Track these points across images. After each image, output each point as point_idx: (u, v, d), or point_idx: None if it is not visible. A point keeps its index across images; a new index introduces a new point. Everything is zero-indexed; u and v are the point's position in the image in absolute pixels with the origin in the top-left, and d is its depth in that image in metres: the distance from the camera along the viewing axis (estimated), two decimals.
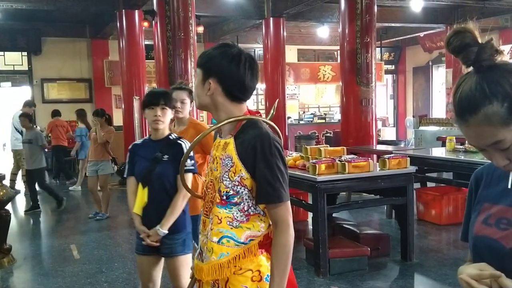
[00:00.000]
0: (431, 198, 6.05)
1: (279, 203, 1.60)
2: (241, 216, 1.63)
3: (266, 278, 1.64)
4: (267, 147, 1.58)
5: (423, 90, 15.50)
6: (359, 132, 7.90)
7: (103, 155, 6.79)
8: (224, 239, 1.63)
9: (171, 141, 2.74)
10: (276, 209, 1.60)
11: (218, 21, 12.60)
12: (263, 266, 1.65)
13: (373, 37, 7.83)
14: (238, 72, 1.64)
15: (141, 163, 2.74)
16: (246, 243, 1.63)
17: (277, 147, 1.60)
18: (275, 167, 1.59)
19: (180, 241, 2.72)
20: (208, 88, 1.66)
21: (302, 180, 4.38)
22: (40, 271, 4.81)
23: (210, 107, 1.71)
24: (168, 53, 6.93)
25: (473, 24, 1.10)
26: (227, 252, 1.62)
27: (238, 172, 1.62)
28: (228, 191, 1.63)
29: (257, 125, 1.65)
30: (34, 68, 12.07)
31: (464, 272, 1.08)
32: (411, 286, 4.24)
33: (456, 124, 1.12)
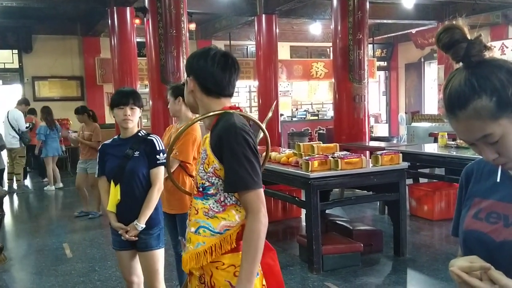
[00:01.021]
0: (423, 193, 6.08)
1: (247, 191, 1.62)
2: (217, 206, 1.69)
3: None
4: (232, 136, 1.63)
5: (415, 87, 15.56)
6: (352, 129, 7.92)
7: (91, 154, 6.61)
8: (201, 229, 1.69)
9: (140, 137, 2.80)
10: (245, 196, 1.63)
11: (210, 18, 12.56)
12: None
13: (366, 34, 7.85)
14: (206, 66, 1.74)
15: (111, 161, 2.78)
16: (221, 232, 1.67)
17: (244, 137, 1.64)
18: (241, 155, 1.62)
19: (155, 236, 2.80)
20: (189, 86, 1.79)
21: (295, 177, 4.39)
22: (33, 270, 4.79)
23: (194, 105, 1.82)
24: (160, 50, 6.90)
25: (462, 20, 1.12)
26: (203, 241, 1.68)
27: (211, 164, 1.68)
28: (204, 183, 1.71)
29: (228, 118, 1.71)
30: (25, 66, 11.97)
31: (455, 264, 1.09)
32: (403, 281, 4.27)
33: (446, 119, 1.14)
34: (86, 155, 6.73)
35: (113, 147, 2.84)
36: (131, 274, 2.89)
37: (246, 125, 1.71)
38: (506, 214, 1.14)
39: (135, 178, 2.73)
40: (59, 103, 11.82)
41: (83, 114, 6.87)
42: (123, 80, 9.04)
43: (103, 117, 12.31)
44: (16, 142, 8.81)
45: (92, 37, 12.14)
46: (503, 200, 1.16)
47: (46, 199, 8.71)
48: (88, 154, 6.71)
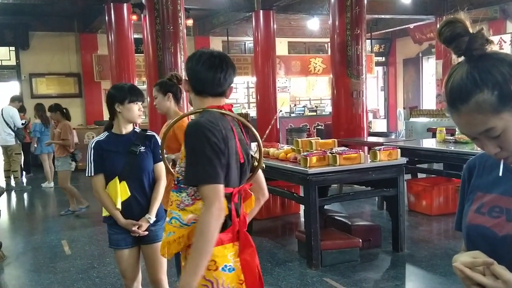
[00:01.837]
0: (421, 189, 6.09)
1: (202, 185, 1.67)
2: (188, 199, 1.78)
3: (222, 268, 1.74)
4: (193, 132, 1.70)
5: (413, 82, 15.56)
6: (350, 124, 7.92)
7: (61, 152, 6.60)
8: (173, 219, 1.79)
9: (140, 133, 2.80)
10: (202, 190, 1.69)
11: (208, 14, 12.52)
12: (219, 257, 1.74)
13: (363, 29, 7.83)
14: (193, 67, 1.83)
15: (114, 158, 2.70)
16: (188, 224, 1.76)
17: (204, 133, 1.68)
18: (198, 151, 1.68)
19: (162, 227, 2.77)
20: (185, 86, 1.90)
21: (294, 172, 4.38)
22: (31, 267, 4.78)
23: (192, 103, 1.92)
24: (158, 46, 6.88)
25: (464, 14, 1.12)
26: (173, 231, 1.79)
27: (183, 158, 1.78)
28: (178, 176, 1.82)
29: (201, 115, 1.79)
30: (22, 63, 11.92)
31: (458, 260, 1.09)
32: (402, 276, 4.27)
33: (448, 113, 1.13)
34: (57, 152, 6.69)
35: (111, 143, 2.75)
36: (133, 272, 2.86)
37: (213, 123, 1.72)
38: (509, 208, 1.14)
39: (144, 173, 2.74)
40: (57, 100, 11.67)
41: (56, 112, 6.81)
42: (121, 77, 9.00)
43: (100, 114, 12.29)
44: (12, 139, 8.82)
45: (89, 33, 12.10)
46: (506, 194, 1.16)
47: (44, 196, 8.70)
48: (58, 151, 6.66)
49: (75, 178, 9.86)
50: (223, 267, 1.74)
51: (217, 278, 1.73)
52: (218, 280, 1.72)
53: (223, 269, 1.74)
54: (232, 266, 1.75)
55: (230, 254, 1.77)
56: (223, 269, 1.74)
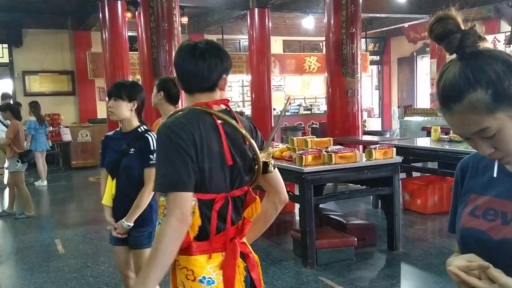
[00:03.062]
0: (416, 187, 6.10)
1: (166, 191, 1.58)
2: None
3: (200, 279, 1.63)
4: (158, 136, 1.62)
5: (408, 81, 15.59)
6: (345, 123, 7.92)
7: (9, 152, 6.48)
8: (159, 225, 1.73)
9: (139, 133, 2.74)
10: (166, 197, 1.58)
11: (203, 12, 12.47)
12: (197, 267, 1.63)
13: (359, 28, 7.83)
14: (176, 61, 1.72)
15: (110, 155, 2.76)
16: None
17: (169, 136, 1.56)
18: (162, 155, 1.60)
19: (145, 234, 2.76)
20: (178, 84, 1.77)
21: (289, 171, 4.37)
22: (24, 266, 4.74)
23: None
24: (152, 44, 6.83)
25: (455, 10, 1.08)
26: None
27: None
28: None
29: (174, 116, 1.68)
30: (15, 61, 11.81)
31: (453, 264, 1.07)
32: (397, 275, 4.27)
33: (440, 113, 1.10)
34: (6, 153, 6.57)
35: (114, 140, 2.79)
36: (127, 269, 2.89)
37: (182, 124, 1.58)
38: (504, 211, 1.10)
39: (129, 175, 2.69)
40: (50, 97, 11.72)
41: (6, 112, 6.72)
42: (115, 75, 8.94)
43: (94, 112, 12.23)
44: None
45: (83, 31, 12.01)
46: (501, 197, 1.12)
47: (37, 194, 8.63)
48: (7, 152, 6.54)
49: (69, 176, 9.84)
50: (200, 279, 1.62)
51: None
52: None
53: (200, 280, 1.62)
54: (212, 279, 1.62)
55: (210, 265, 1.64)
56: (200, 280, 1.62)
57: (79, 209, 7.47)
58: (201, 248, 1.63)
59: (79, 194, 8.80)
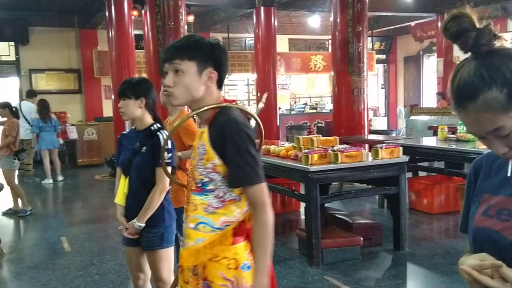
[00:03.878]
0: (423, 187, 6.07)
1: (251, 185, 1.62)
2: (216, 202, 1.67)
3: (242, 266, 1.67)
4: (235, 132, 1.61)
5: (414, 80, 15.53)
6: (351, 122, 7.90)
7: (5, 150, 6.44)
8: (200, 225, 1.68)
9: (151, 132, 2.69)
10: (251, 191, 1.63)
11: (209, 10, 12.48)
12: (239, 254, 1.68)
13: (365, 26, 7.80)
14: (223, 58, 1.72)
15: (124, 153, 2.73)
16: (221, 228, 1.67)
17: (246, 131, 1.63)
18: (244, 150, 1.61)
19: (158, 235, 2.70)
20: (208, 77, 1.69)
21: (295, 170, 4.36)
22: (30, 264, 4.75)
23: (198, 99, 1.70)
24: (158, 42, 6.85)
25: (470, 8, 1.07)
26: (203, 237, 1.67)
27: (210, 159, 1.66)
28: (203, 178, 1.68)
29: (228, 112, 1.68)
30: (22, 59, 11.86)
31: (465, 263, 1.06)
32: (403, 275, 4.25)
33: (455, 112, 1.09)
34: (1, 151, 6.51)
35: (128, 138, 2.76)
36: (137, 271, 2.84)
37: (245, 119, 1.70)
38: None
39: (140, 174, 2.65)
40: (56, 96, 11.75)
41: (4, 109, 6.70)
42: (121, 73, 8.96)
43: (100, 110, 12.27)
44: (29, 133, 8.94)
45: (89, 29, 12.04)
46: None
47: (44, 192, 8.67)
48: (2, 150, 6.49)
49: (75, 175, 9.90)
50: (242, 266, 1.68)
51: (237, 276, 1.67)
52: (238, 279, 1.67)
53: (242, 267, 1.68)
54: (249, 264, 1.69)
55: (247, 251, 1.70)
56: (242, 267, 1.68)
57: (84, 207, 7.49)
58: (240, 236, 1.69)
59: (85, 192, 8.83)
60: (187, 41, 1.69)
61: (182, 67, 1.66)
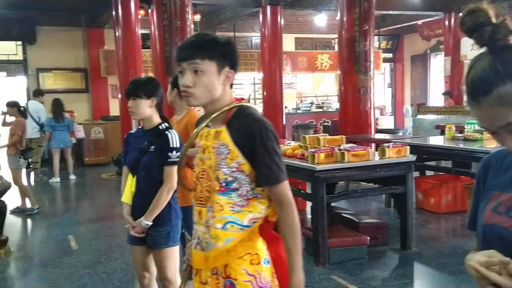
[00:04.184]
0: (430, 186, 6.04)
1: (278, 184, 1.66)
2: (240, 200, 1.67)
3: (263, 261, 1.68)
4: (264, 132, 1.63)
5: (421, 79, 15.46)
6: (357, 121, 7.88)
7: (12, 149, 6.49)
8: (228, 224, 1.66)
9: (159, 131, 2.70)
10: (278, 189, 1.66)
11: (215, 9, 12.49)
12: (260, 250, 1.68)
13: (372, 25, 7.77)
14: (238, 59, 1.72)
15: (131, 152, 2.74)
16: (249, 225, 1.67)
17: (272, 131, 1.67)
18: (271, 150, 1.64)
19: (164, 234, 2.71)
20: (226, 77, 1.68)
21: (301, 169, 4.35)
22: (38, 262, 4.78)
23: (215, 99, 1.68)
24: (165, 41, 6.87)
25: (487, 3, 1.08)
26: (233, 236, 1.65)
27: (235, 159, 1.65)
28: (227, 178, 1.66)
29: (250, 112, 1.69)
30: (29, 58, 11.92)
31: (473, 259, 1.06)
32: (410, 274, 4.24)
33: (468, 106, 1.10)
34: (8, 150, 6.57)
35: (135, 137, 2.78)
36: (143, 270, 2.84)
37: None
38: None
39: (148, 173, 2.66)
40: (63, 95, 11.75)
41: (13, 108, 6.75)
42: (128, 72, 8.98)
43: (107, 109, 12.31)
44: (37, 132, 9.08)
45: (96, 28, 12.08)
46: None
47: (51, 191, 8.72)
48: (9, 149, 6.54)
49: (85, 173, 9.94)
50: (263, 260, 1.68)
51: (259, 272, 1.66)
52: (260, 274, 1.66)
53: (263, 262, 1.68)
54: (268, 259, 1.70)
55: (265, 246, 1.71)
56: (263, 262, 1.68)
57: (91, 206, 7.52)
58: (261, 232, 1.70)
59: (92, 191, 8.87)
60: (205, 40, 1.66)
61: (202, 67, 1.62)
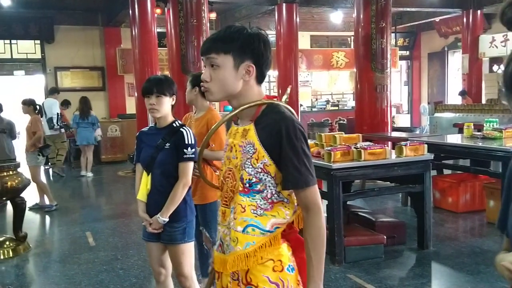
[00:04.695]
0: (447, 185, 5.97)
1: (307, 187, 1.55)
2: (264, 204, 1.58)
3: (287, 268, 1.59)
4: (292, 132, 1.52)
5: (438, 76, 15.27)
6: (374, 119, 7.82)
7: (29, 146, 6.56)
8: (249, 228, 1.57)
9: (174, 128, 2.73)
10: (305, 193, 1.55)
11: (231, 7, 12.49)
12: (284, 256, 1.59)
13: (389, 22, 7.71)
14: (266, 52, 1.60)
15: (145, 150, 2.77)
16: (272, 231, 1.57)
17: (301, 131, 1.55)
18: (300, 151, 1.53)
19: (180, 230, 2.73)
20: (246, 72, 1.58)
21: (317, 167, 4.30)
22: (56, 258, 4.85)
23: (235, 94, 1.61)
24: (181, 40, 6.89)
25: None
26: (253, 241, 1.56)
27: (261, 159, 1.56)
28: (251, 179, 1.57)
29: (279, 110, 1.59)
30: (47, 57, 12.08)
31: (506, 259, 1.04)
32: (428, 274, 4.19)
33: (505, 99, 1.08)
34: (26, 148, 6.64)
35: (149, 135, 2.81)
36: (159, 266, 2.86)
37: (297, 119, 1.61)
38: None
39: (164, 170, 2.69)
40: (81, 93, 11.89)
41: (29, 106, 6.82)
42: (144, 71, 9.04)
43: (123, 107, 12.41)
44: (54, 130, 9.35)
45: (113, 27, 12.19)
46: None
47: (68, 188, 8.84)
48: (27, 147, 6.61)
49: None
50: (287, 268, 1.59)
51: (283, 279, 1.57)
52: (284, 282, 1.58)
53: (287, 269, 1.59)
54: (292, 266, 1.60)
55: (290, 252, 1.62)
56: (287, 269, 1.59)
57: (108, 203, 7.60)
58: (284, 238, 1.62)
59: (109, 188, 8.96)
60: (224, 33, 1.58)
61: (217, 61, 1.56)
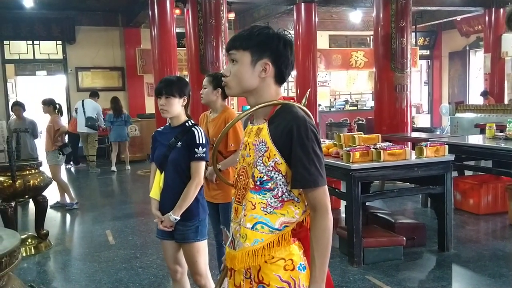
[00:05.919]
0: (469, 187, 5.87)
1: (315, 188, 1.56)
2: (275, 202, 1.60)
3: (298, 267, 1.61)
4: (303, 131, 1.55)
5: (460, 76, 15.04)
6: (393, 119, 7.74)
7: (49, 145, 6.63)
8: (258, 225, 1.60)
9: (186, 128, 2.77)
10: (313, 194, 1.57)
11: (249, 8, 12.51)
12: (296, 255, 1.61)
13: (409, 21, 7.62)
14: (286, 52, 1.64)
15: (159, 148, 2.81)
16: (280, 229, 1.59)
17: (313, 131, 1.57)
18: (311, 151, 1.55)
19: (192, 228, 2.77)
20: (263, 69, 1.62)
21: (336, 168, 4.30)
22: (77, 256, 4.93)
23: (252, 91, 1.65)
24: (200, 40, 6.92)
25: None
26: (261, 238, 1.59)
27: (272, 157, 1.58)
28: (262, 177, 1.60)
29: (292, 110, 1.61)
30: (69, 57, 12.27)
31: None
32: (448, 277, 4.13)
33: None
34: (46, 147, 6.71)
35: (163, 134, 2.86)
36: (174, 264, 2.90)
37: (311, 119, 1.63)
38: None
39: (176, 168, 2.72)
40: (101, 93, 12.03)
41: (49, 106, 6.88)
42: (163, 71, 9.10)
43: (143, 107, 12.53)
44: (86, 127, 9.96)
45: (133, 28, 12.32)
46: None
47: (89, 187, 8.95)
48: (47, 146, 6.68)
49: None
50: (298, 267, 1.60)
51: (294, 278, 1.59)
52: (295, 281, 1.59)
53: (299, 268, 1.60)
54: (304, 265, 1.62)
55: (301, 251, 1.63)
56: (299, 268, 1.60)
57: (128, 202, 7.67)
58: (296, 237, 1.63)
59: (128, 187, 9.06)
60: (247, 31, 1.66)
61: (236, 57, 1.63)
